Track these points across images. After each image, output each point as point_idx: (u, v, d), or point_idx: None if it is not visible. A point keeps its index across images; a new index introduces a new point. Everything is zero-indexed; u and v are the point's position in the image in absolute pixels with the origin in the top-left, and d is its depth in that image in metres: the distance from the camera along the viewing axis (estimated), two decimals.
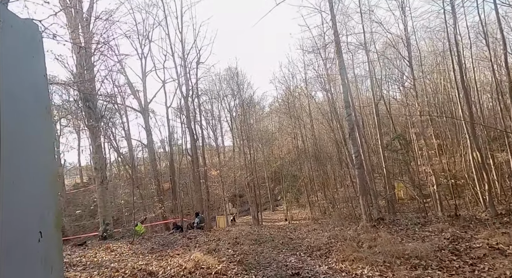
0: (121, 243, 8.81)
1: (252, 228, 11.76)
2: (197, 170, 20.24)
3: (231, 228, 12.53)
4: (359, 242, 6.50)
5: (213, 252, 6.41)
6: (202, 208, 21.37)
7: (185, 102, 20.91)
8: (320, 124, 24.13)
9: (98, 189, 13.68)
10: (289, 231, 10.51)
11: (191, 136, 20.61)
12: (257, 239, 8.20)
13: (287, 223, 17.85)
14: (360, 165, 9.14)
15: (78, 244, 9.12)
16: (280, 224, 18.39)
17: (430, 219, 8.65)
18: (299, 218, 20.96)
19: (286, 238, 8.33)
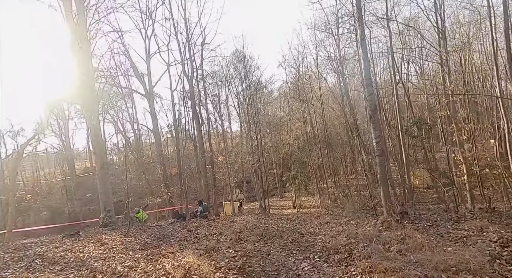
0: (116, 234, 7.93)
1: (258, 218, 10.76)
2: (203, 155, 19.30)
3: (236, 218, 11.57)
4: (385, 244, 5.35)
5: (211, 252, 5.38)
6: (208, 194, 20.62)
7: (189, 84, 19.71)
8: (331, 109, 22.64)
9: (98, 174, 12.84)
10: (299, 223, 9.44)
11: (196, 120, 19.54)
12: (263, 234, 7.15)
13: (295, 211, 16.87)
14: (382, 152, 7.86)
15: (70, 234, 8.31)
16: (288, 212, 17.43)
17: (463, 213, 7.40)
18: (308, 205, 19.95)
19: (296, 233, 7.25)
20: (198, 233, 7.73)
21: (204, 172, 19.20)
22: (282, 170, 30.49)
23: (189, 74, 19.59)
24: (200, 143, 19.39)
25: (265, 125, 26.35)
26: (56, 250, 6.65)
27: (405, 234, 6.08)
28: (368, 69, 7.88)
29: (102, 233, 8.47)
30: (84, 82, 12.17)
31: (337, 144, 22.37)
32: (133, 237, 7.47)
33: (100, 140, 12.77)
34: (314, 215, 11.63)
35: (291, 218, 11.43)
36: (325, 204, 17.02)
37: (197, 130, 19.77)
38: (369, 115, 7.85)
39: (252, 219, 10.31)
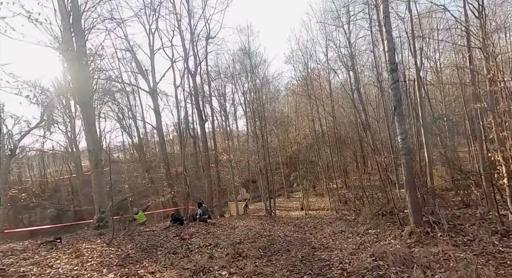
0: (99, 242, 6.81)
1: (262, 223, 9.51)
2: (206, 153, 18.20)
3: (238, 222, 10.36)
4: (425, 268, 4.03)
5: (200, 274, 4.18)
6: (212, 193, 19.53)
7: (192, 79, 18.58)
8: (340, 107, 21.19)
9: (93, 173, 11.82)
10: (309, 230, 8.17)
11: (199, 116, 18.42)
12: (267, 246, 5.91)
13: (303, 214, 15.55)
14: (408, 151, 6.50)
15: (49, 241, 7.24)
16: (296, 214, 16.12)
17: (509, 224, 6.00)
18: (316, 207, 18.60)
19: (307, 247, 5.99)
20: (192, 243, 6.53)
21: (208, 170, 18.08)
22: (289, 170, 29.13)
23: (193, 69, 18.49)
24: (204, 140, 18.26)
25: (271, 123, 25.07)
26: (23, 262, 5.55)
27: (443, 252, 4.75)
28: (393, 52, 6.53)
29: (86, 240, 7.37)
30: (78, 75, 11.16)
31: (347, 142, 20.95)
32: (116, 247, 6.32)
33: (94, 137, 11.74)
34: (325, 220, 10.30)
35: (299, 223, 10.14)
36: (335, 206, 15.68)
37: (200, 127, 18.65)
38: (394, 107, 6.50)
39: (256, 224, 9.09)
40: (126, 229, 8.94)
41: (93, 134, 11.72)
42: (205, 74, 19.74)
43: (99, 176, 11.69)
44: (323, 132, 19.89)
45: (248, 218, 12.49)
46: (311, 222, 10.06)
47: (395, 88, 6.44)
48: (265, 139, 16.34)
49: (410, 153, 6.59)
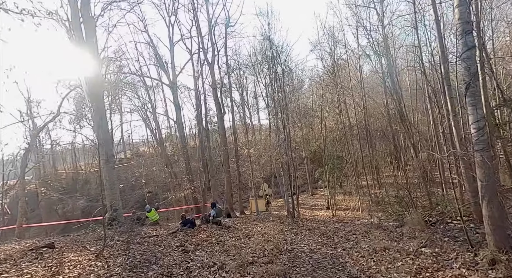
0: (89, 253, 5.67)
1: (283, 230, 7.94)
2: (225, 147, 16.91)
3: (255, 227, 8.86)
4: None
5: None
6: (231, 189, 18.29)
7: (210, 69, 17.22)
8: (371, 97, 18.77)
9: (103, 168, 10.91)
10: (340, 243, 6.46)
11: (218, 108, 17.07)
12: (287, 271, 4.35)
13: (330, 214, 13.73)
14: (486, 145, 4.55)
15: (38, 247, 6.26)
16: (322, 215, 14.34)
17: None
18: (344, 206, 16.65)
19: (340, 273, 4.35)
20: (194, 259, 5.14)
21: (227, 165, 16.80)
22: (314, 165, 27.16)
23: (210, 59, 17.12)
24: (222, 134, 16.94)
25: (294, 116, 23.22)
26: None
27: None
28: (467, 6, 4.53)
29: (80, 246, 6.28)
30: (88, 65, 10.21)
31: (379, 135, 18.59)
32: (104, 261, 5.11)
33: (105, 129, 10.78)
34: (358, 227, 8.49)
35: (327, 229, 8.43)
36: (367, 207, 13.70)
37: (218, 120, 17.35)
38: (466, 84, 4.54)
39: (275, 231, 7.54)
40: (129, 232, 7.83)
41: (103, 127, 10.75)
42: (224, 64, 18.27)
43: (111, 171, 10.75)
44: (352, 125, 17.72)
45: (268, 220, 10.95)
46: (341, 229, 8.29)
47: (468, 58, 4.47)
48: (287, 132, 14.65)
49: (489, 148, 4.61)
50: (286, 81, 20.54)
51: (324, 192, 17.18)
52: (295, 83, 27.72)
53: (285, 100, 13.37)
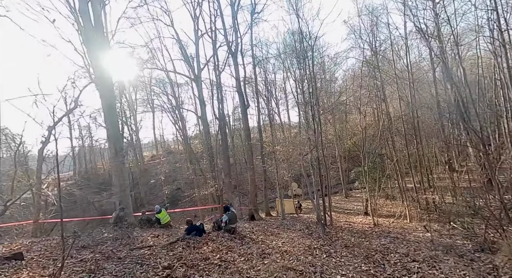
0: (47, 272, 4.27)
1: (311, 247, 5.89)
2: (249, 142, 15.16)
3: (275, 240, 6.93)
4: None
5: None
6: (255, 189, 16.53)
7: (233, 59, 15.59)
8: (418, 89, 15.60)
9: (112, 162, 9.85)
10: (396, 273, 4.30)
11: (241, 101, 15.38)
12: None
13: (370, 223, 11.26)
14: None
15: (6, 257, 5.06)
16: (359, 221, 11.91)
17: None
18: (386, 212, 13.98)
19: None
20: None
21: (251, 162, 15.05)
22: (348, 164, 24.33)
23: (233, 48, 15.49)
24: (246, 128, 15.22)
25: (326, 111, 20.72)
26: None
27: None
28: None
29: (47, 261, 4.93)
30: (94, 50, 9.14)
31: (429, 130, 15.43)
32: None
33: (114, 121, 9.64)
34: (415, 246, 6.12)
35: (371, 248, 6.20)
36: (416, 216, 11.03)
37: (242, 113, 15.67)
38: None
39: (300, 250, 5.54)
40: (122, 239, 6.40)
41: (112, 118, 9.61)
42: (248, 52, 16.47)
43: (120, 166, 9.56)
44: (395, 119, 14.88)
45: (294, 227, 8.92)
46: (391, 249, 6.00)
47: None
48: (318, 128, 12.48)
49: None
50: (318, 71, 18.16)
51: (362, 194, 14.63)
52: (328, 75, 25.09)
53: (317, 97, 11.17)
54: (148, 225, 9.50)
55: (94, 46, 9.16)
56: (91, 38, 9.09)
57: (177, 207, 27.47)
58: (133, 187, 31.53)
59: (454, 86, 12.92)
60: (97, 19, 9.42)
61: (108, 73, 9.49)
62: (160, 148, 39.67)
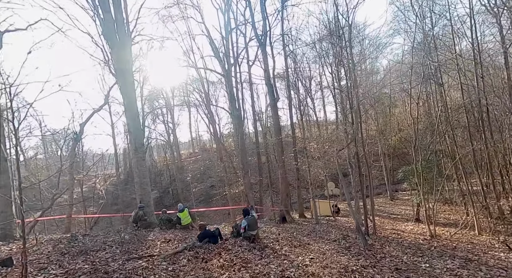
0: None
1: (348, 268, 4.44)
2: (279, 138, 13.85)
3: (303, 251, 5.58)
4: None
5: None
6: (286, 189, 15.15)
7: (261, 49, 14.43)
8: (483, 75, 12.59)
9: (133, 159, 9.39)
10: None
11: (270, 94, 14.15)
12: None
13: (424, 232, 9.20)
14: None
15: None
16: (410, 231, 9.86)
17: None
18: (443, 219, 11.60)
19: None
20: None
21: (281, 159, 13.74)
22: (393, 163, 21.56)
23: (262, 37, 14.32)
24: (276, 122, 13.93)
25: (367, 105, 18.37)
26: None
27: None
28: None
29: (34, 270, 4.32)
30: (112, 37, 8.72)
31: (500, 124, 12.43)
32: None
33: (134, 114, 9.16)
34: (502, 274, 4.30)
35: (434, 274, 4.53)
36: (488, 226, 8.71)
37: (272, 107, 14.42)
38: None
39: (333, 272, 4.14)
40: (131, 243, 5.64)
41: (133, 113, 9.15)
42: (277, 41, 15.16)
43: (140, 162, 9.05)
44: (454, 108, 12.24)
45: (328, 237, 7.42)
46: None
47: None
48: (356, 118, 10.67)
49: None
50: (357, 61, 16.04)
51: (412, 197, 12.33)
52: (368, 63, 22.52)
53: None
54: (169, 225, 8.82)
55: (113, 38, 8.74)
56: (110, 29, 8.68)
57: (210, 204, 27.30)
58: (170, 183, 32.46)
59: None
60: (117, 9, 9.00)
61: (128, 66, 9.02)
62: (196, 145, 40.33)
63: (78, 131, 11.42)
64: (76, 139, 11.29)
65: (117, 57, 8.82)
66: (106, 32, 8.69)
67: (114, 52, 8.86)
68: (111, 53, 8.92)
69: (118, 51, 8.79)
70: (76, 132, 11.30)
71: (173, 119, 34.52)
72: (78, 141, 11.50)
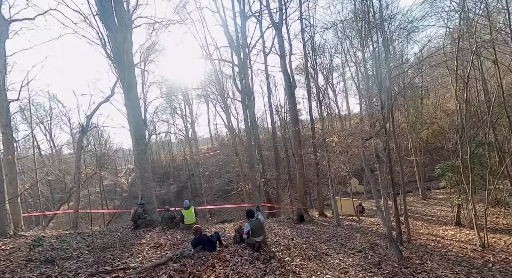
0: None
1: None
2: (296, 129, 12.50)
3: (320, 265, 4.33)
4: None
5: None
6: (304, 186, 13.77)
7: (277, 33, 13.08)
8: None
9: (134, 151, 8.60)
10: None
11: (286, 81, 12.79)
12: None
13: (472, 241, 7.50)
14: None
15: None
16: (450, 237, 8.16)
17: None
18: (491, 224, 9.67)
19: None
20: None
21: (298, 153, 12.39)
22: (425, 158, 19.31)
23: (276, 17, 12.96)
24: (293, 113, 12.57)
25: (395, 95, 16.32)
26: None
27: None
28: None
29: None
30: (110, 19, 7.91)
31: None
32: None
33: (134, 104, 8.32)
34: None
35: None
36: None
37: (288, 97, 13.08)
38: None
39: None
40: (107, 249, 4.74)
41: (133, 101, 8.31)
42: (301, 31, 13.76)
43: (142, 155, 8.21)
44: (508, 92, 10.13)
45: (353, 244, 6.06)
46: None
47: None
48: (388, 99, 9.06)
49: None
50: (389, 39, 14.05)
51: (453, 197, 10.46)
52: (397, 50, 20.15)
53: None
54: (171, 223, 7.94)
55: (110, 19, 7.91)
56: (107, 9, 7.84)
57: (228, 199, 26.60)
58: (189, 178, 32.22)
59: None
60: None
61: (127, 49, 8.16)
62: (215, 140, 39.85)
63: (85, 124, 10.90)
64: (82, 131, 10.79)
65: (115, 39, 7.99)
66: (102, 12, 7.86)
67: (111, 35, 8.03)
68: (108, 36, 8.10)
69: (116, 33, 7.96)
70: (82, 125, 10.79)
71: (191, 113, 34.11)
72: (84, 133, 10.99)
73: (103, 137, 28.34)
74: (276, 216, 15.44)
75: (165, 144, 37.61)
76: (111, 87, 11.48)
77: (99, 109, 11.55)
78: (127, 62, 8.06)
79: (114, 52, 8.15)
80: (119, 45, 7.93)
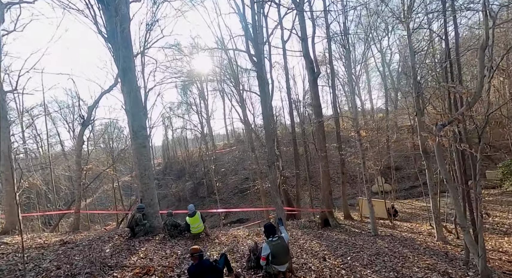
0: None
1: None
2: (320, 120, 10.74)
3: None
4: None
5: None
6: (328, 185, 11.95)
7: (298, 15, 11.33)
8: None
9: (132, 145, 7.27)
10: None
11: (308, 67, 11.00)
12: None
13: None
14: None
15: None
16: None
17: None
18: None
19: None
20: None
21: (322, 148, 10.63)
22: (475, 147, 16.67)
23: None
24: (316, 103, 10.79)
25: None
26: None
27: None
28: None
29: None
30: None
31: None
32: None
33: (131, 89, 6.97)
34: None
35: None
36: None
37: (310, 84, 11.29)
38: None
39: None
40: None
41: (130, 85, 6.96)
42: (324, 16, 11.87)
43: (141, 150, 6.85)
44: None
45: (410, 274, 4.33)
46: None
47: None
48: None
49: None
50: None
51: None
52: None
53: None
54: (175, 232, 6.53)
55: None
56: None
57: (244, 198, 25.15)
58: (205, 175, 31.17)
59: None
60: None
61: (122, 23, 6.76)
62: (231, 137, 38.60)
63: (86, 116, 9.79)
64: (84, 124, 9.69)
65: (107, 11, 6.65)
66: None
67: (102, 5, 6.69)
68: (99, 7, 6.75)
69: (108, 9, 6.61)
70: (83, 117, 9.68)
71: (206, 109, 33.00)
72: (86, 126, 9.89)
73: (118, 131, 27.81)
74: (296, 218, 13.80)
75: (181, 140, 36.82)
76: (115, 76, 10.30)
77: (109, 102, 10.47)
78: (122, 39, 6.69)
79: (107, 29, 6.81)
80: (112, 18, 6.58)
